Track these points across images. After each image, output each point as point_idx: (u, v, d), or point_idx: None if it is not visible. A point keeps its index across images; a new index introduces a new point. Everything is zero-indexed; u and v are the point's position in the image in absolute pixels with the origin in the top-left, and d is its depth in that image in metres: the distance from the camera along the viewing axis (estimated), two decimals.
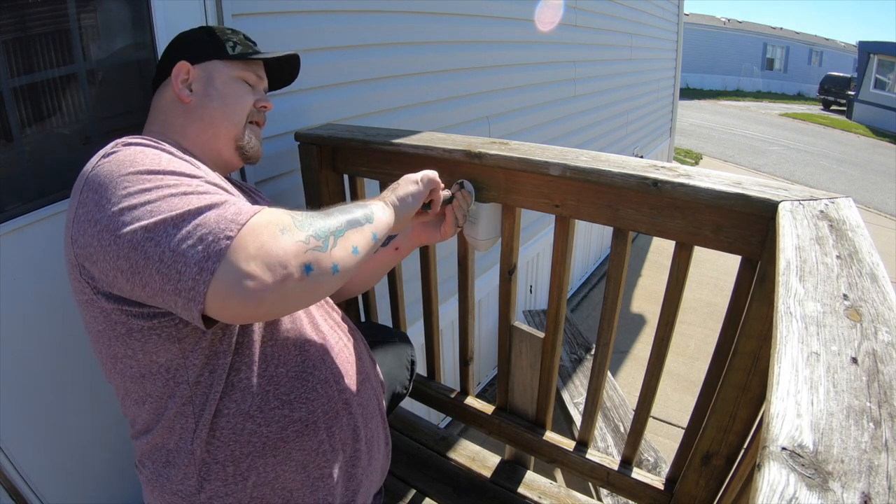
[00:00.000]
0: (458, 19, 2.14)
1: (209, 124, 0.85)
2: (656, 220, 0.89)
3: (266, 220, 0.58)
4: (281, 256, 0.56)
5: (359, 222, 0.71)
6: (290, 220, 0.61)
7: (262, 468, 0.73)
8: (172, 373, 0.68)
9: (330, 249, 0.62)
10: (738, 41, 24.04)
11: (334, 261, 0.62)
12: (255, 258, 0.55)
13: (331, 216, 0.67)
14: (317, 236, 0.61)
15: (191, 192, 0.59)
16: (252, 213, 0.58)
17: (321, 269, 0.60)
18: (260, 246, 0.55)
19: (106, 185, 0.60)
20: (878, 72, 15.69)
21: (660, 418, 3.02)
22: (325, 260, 0.61)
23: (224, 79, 0.87)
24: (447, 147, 1.06)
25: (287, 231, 0.59)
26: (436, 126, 2.06)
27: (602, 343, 1.07)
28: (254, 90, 0.93)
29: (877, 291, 0.51)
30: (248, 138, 0.90)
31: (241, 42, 0.91)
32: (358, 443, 0.84)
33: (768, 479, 0.31)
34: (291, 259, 0.57)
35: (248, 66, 0.91)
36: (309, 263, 0.58)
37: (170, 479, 0.72)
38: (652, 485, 1.11)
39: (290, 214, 0.62)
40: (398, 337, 1.24)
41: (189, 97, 0.84)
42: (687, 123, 13.69)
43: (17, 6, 0.92)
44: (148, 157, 0.64)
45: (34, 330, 0.98)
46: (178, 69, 0.84)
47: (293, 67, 1.05)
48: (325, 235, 0.62)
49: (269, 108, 0.94)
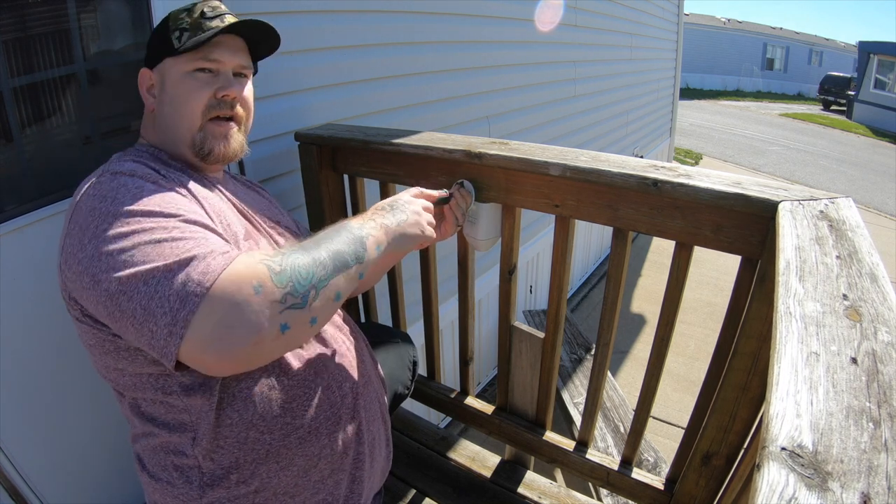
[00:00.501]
0: (458, 19, 2.14)
1: (167, 130, 0.80)
2: (656, 220, 0.89)
3: (240, 275, 0.55)
4: (254, 320, 0.54)
5: (347, 264, 0.65)
6: (266, 273, 0.56)
7: (265, 474, 0.73)
8: (162, 383, 0.68)
9: (309, 304, 0.58)
10: (738, 41, 24.03)
11: (313, 314, 0.59)
12: (226, 318, 0.53)
13: (319, 250, 0.63)
14: (295, 292, 0.57)
15: (165, 238, 0.58)
16: (222, 268, 0.55)
17: (298, 326, 0.57)
18: (232, 306, 0.53)
19: (88, 223, 0.61)
20: (878, 72, 15.69)
21: (660, 418, 3.02)
22: (302, 316, 0.57)
23: (174, 78, 0.78)
24: (447, 147, 1.06)
25: (262, 288, 0.55)
26: (436, 126, 2.06)
27: (602, 343, 1.07)
28: (216, 77, 0.80)
29: (876, 291, 0.51)
30: (202, 141, 0.79)
31: (192, 24, 0.78)
32: (360, 446, 0.84)
33: (768, 479, 0.31)
34: (265, 322, 0.55)
35: (197, 53, 0.77)
36: (285, 323, 0.56)
37: (171, 483, 0.72)
38: (652, 485, 1.11)
39: (267, 263, 0.57)
40: (400, 337, 1.24)
41: (153, 104, 0.81)
42: (687, 123, 13.69)
43: (17, 6, 0.92)
44: (130, 192, 0.63)
45: (34, 330, 0.98)
46: (140, 78, 0.82)
47: (260, 31, 0.85)
48: (304, 290, 0.58)
49: (230, 96, 0.80)
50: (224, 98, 0.80)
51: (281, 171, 1.44)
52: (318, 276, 0.60)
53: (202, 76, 0.79)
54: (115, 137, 1.13)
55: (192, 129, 0.79)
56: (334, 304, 0.63)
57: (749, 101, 21.00)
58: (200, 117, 0.79)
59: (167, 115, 0.80)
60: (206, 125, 0.80)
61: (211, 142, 0.80)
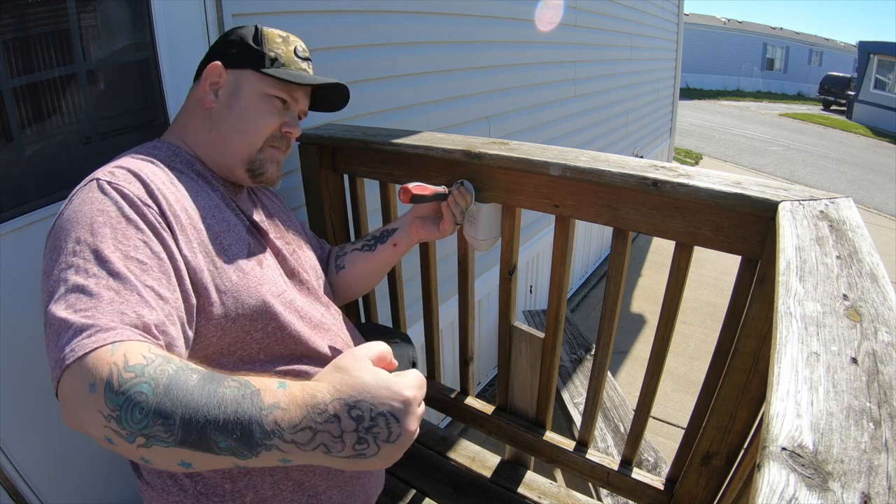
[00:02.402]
0: (459, 19, 2.14)
1: (224, 137, 0.81)
2: (656, 220, 0.89)
3: (90, 366, 0.49)
4: (80, 414, 0.48)
5: (209, 448, 0.47)
6: (104, 380, 0.47)
7: (260, 486, 0.73)
8: None
9: (135, 445, 0.47)
10: (738, 41, 24.04)
11: (142, 455, 0.47)
12: (70, 395, 0.49)
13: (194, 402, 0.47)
14: (120, 426, 0.46)
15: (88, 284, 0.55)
16: (88, 350, 0.49)
17: (127, 452, 0.48)
18: (73, 388, 0.49)
19: (55, 236, 0.61)
20: (878, 72, 15.69)
21: (660, 418, 3.02)
22: (128, 448, 0.47)
23: (251, 93, 0.81)
24: (447, 147, 1.06)
25: (95, 392, 0.47)
26: (436, 126, 2.06)
27: (602, 343, 1.07)
28: (285, 111, 0.85)
29: (877, 292, 0.51)
30: (261, 162, 0.84)
31: (286, 56, 0.83)
32: None
33: (768, 479, 0.31)
34: (88, 422, 0.48)
35: (282, 84, 0.83)
36: (110, 438, 0.47)
37: (166, 490, 0.72)
38: (652, 485, 1.11)
39: (117, 371, 0.48)
40: (399, 337, 1.24)
41: (212, 102, 0.80)
42: (687, 123, 13.69)
43: (17, 6, 0.92)
44: (93, 214, 0.61)
45: (34, 330, 0.98)
46: (210, 70, 0.80)
47: (340, 94, 0.93)
48: (129, 430, 0.46)
49: (293, 134, 0.86)
50: (287, 134, 0.86)
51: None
52: (153, 433, 0.46)
53: (277, 104, 0.83)
54: (115, 137, 1.13)
55: (254, 147, 0.82)
56: (179, 468, 0.49)
57: (749, 102, 21.00)
58: (262, 140, 0.83)
59: (231, 121, 0.81)
60: (266, 149, 0.84)
61: (267, 165, 0.85)
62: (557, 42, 2.99)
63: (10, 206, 0.95)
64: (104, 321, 0.53)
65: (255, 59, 0.81)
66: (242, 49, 0.82)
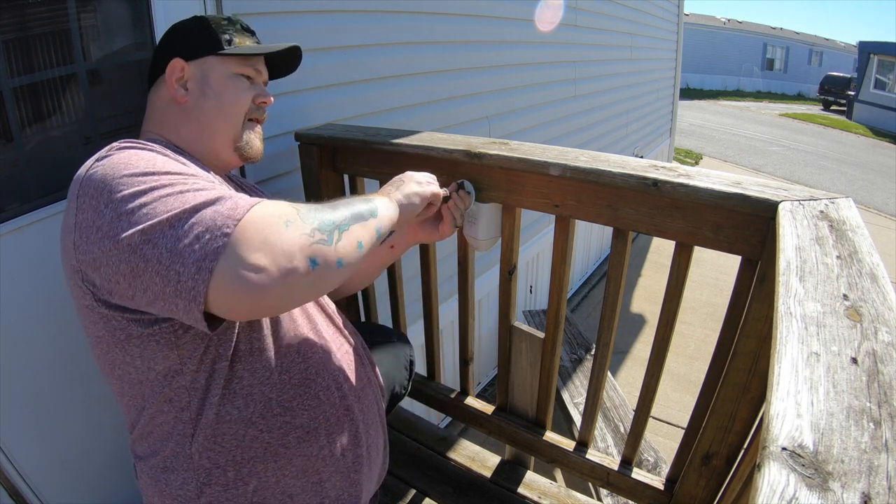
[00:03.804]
0: (459, 19, 2.14)
1: (205, 125, 0.82)
2: (656, 220, 0.89)
3: (269, 212, 0.58)
4: (286, 250, 0.56)
5: (363, 217, 0.69)
6: (294, 213, 0.60)
7: (263, 473, 0.73)
8: (170, 379, 0.68)
9: (335, 244, 0.61)
10: (738, 41, 24.03)
11: (339, 255, 0.61)
12: (258, 251, 0.54)
13: (336, 209, 0.66)
14: (321, 229, 0.60)
15: (187, 189, 0.58)
16: (250, 207, 0.57)
17: (326, 264, 0.59)
18: (263, 239, 0.55)
19: (102, 190, 0.59)
20: (878, 72, 15.68)
21: (660, 418, 3.02)
22: (330, 254, 0.60)
23: (220, 76, 0.83)
24: (447, 147, 1.06)
25: (291, 224, 0.58)
26: (436, 126, 2.06)
27: (602, 343, 1.07)
28: (252, 85, 0.88)
29: (877, 292, 0.51)
30: (247, 138, 0.87)
31: (237, 33, 0.86)
32: (359, 448, 0.84)
33: (768, 479, 0.31)
34: (297, 252, 0.56)
35: (245, 60, 0.86)
36: (314, 257, 0.58)
37: (169, 483, 0.72)
38: (652, 485, 1.11)
39: (294, 206, 0.61)
40: (396, 337, 1.24)
41: (184, 97, 0.81)
42: (687, 123, 13.68)
43: (17, 6, 0.92)
44: (143, 159, 0.63)
45: (34, 330, 0.98)
46: (171, 67, 0.81)
47: (294, 58, 0.98)
48: (329, 229, 0.61)
49: (268, 102, 0.90)
50: (262, 104, 0.89)
51: (281, 171, 1.43)
52: (339, 221, 0.63)
53: (245, 81, 0.86)
54: (115, 137, 1.13)
55: (237, 125, 0.86)
56: (357, 253, 0.65)
57: (749, 102, 20.99)
58: (242, 116, 0.86)
59: (208, 108, 0.82)
60: (246, 123, 0.87)
61: (253, 139, 0.89)
62: (557, 42, 2.99)
63: (10, 206, 0.95)
64: (236, 194, 0.60)
65: (213, 44, 0.83)
66: (197, 38, 0.83)
